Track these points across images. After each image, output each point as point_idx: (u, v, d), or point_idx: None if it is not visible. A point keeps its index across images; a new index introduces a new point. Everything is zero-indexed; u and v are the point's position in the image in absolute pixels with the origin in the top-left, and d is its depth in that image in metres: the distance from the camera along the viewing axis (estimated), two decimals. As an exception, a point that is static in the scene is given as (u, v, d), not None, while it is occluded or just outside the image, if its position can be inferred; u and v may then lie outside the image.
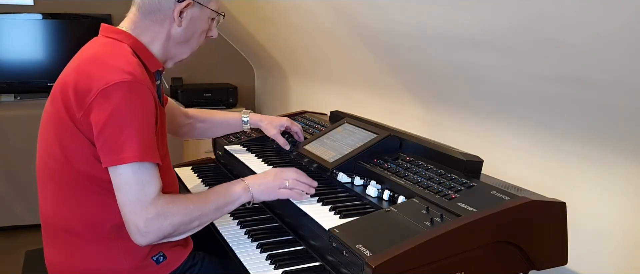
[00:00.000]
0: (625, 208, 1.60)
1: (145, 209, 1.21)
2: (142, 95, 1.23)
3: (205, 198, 1.34)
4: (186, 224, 1.28)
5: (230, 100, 3.92)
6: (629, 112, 1.47)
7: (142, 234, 1.22)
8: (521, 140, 1.91)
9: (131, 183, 1.21)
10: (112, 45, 1.33)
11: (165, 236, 1.26)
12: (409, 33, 2.03)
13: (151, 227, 1.21)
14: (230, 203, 1.37)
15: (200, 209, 1.30)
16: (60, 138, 1.28)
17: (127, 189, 1.21)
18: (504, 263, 1.22)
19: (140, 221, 1.20)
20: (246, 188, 1.40)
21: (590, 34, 1.34)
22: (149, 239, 1.23)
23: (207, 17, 1.43)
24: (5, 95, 3.46)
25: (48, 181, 1.35)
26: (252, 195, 1.40)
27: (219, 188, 1.39)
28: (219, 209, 1.35)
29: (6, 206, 3.12)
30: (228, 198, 1.37)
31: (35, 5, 3.59)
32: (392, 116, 2.54)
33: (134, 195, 1.21)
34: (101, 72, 1.22)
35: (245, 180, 1.42)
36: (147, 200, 1.21)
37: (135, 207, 1.21)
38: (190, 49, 1.45)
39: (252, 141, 2.05)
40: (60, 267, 1.37)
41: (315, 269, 1.32)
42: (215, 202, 1.34)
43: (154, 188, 1.23)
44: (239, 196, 1.38)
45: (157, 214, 1.22)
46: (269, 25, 3.31)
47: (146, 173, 1.22)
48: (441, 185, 1.34)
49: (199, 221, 1.31)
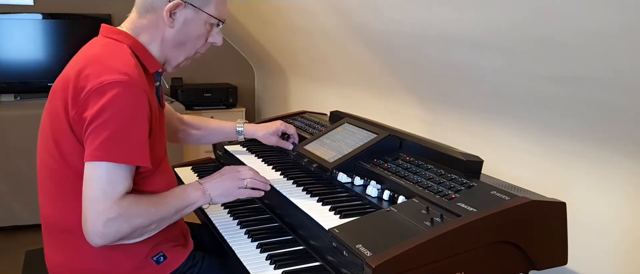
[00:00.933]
0: (625, 208, 1.60)
1: (108, 208, 1.19)
2: (135, 97, 1.22)
3: (165, 201, 1.32)
4: (144, 227, 1.27)
5: (230, 100, 3.92)
6: (629, 112, 1.47)
7: (99, 236, 1.20)
8: (521, 140, 1.91)
9: (102, 180, 1.19)
10: (112, 46, 1.33)
11: (121, 238, 1.24)
12: (409, 33, 2.03)
13: (110, 228, 1.20)
14: (188, 206, 1.36)
15: (160, 212, 1.29)
16: (57, 137, 1.28)
17: (95, 185, 1.19)
18: (504, 263, 1.22)
19: (100, 221, 1.19)
20: (204, 191, 1.38)
21: (590, 33, 1.34)
22: (106, 240, 1.21)
23: (203, 21, 1.39)
24: (5, 95, 3.46)
25: (48, 181, 1.35)
26: (210, 197, 1.39)
27: (178, 190, 1.37)
28: (178, 212, 1.34)
29: (6, 206, 3.12)
30: (186, 201, 1.35)
31: (35, 5, 3.59)
32: (392, 116, 2.54)
33: (100, 192, 1.19)
34: (98, 72, 1.22)
35: (203, 184, 1.40)
36: (113, 199, 1.20)
37: (99, 204, 1.19)
38: (186, 54, 1.43)
39: (252, 141, 2.04)
40: (61, 267, 1.37)
41: (315, 269, 1.32)
42: (175, 205, 1.33)
43: (121, 189, 1.21)
44: (196, 199, 1.37)
45: (119, 215, 1.20)
46: (269, 26, 3.31)
47: (119, 174, 1.21)
48: (441, 185, 1.34)
49: (157, 224, 1.30)
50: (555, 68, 1.55)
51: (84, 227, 1.21)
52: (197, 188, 1.38)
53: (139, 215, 1.24)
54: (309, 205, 1.42)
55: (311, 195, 1.47)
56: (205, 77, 4.19)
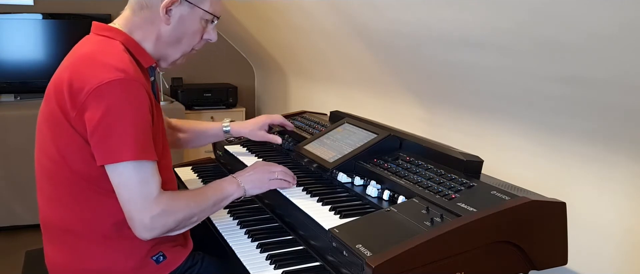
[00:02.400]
0: (626, 208, 1.60)
1: (150, 207, 1.23)
2: (136, 93, 1.23)
3: (204, 194, 1.38)
4: (187, 219, 1.32)
5: (230, 100, 3.92)
6: (629, 112, 1.47)
7: (148, 230, 1.24)
8: (521, 140, 1.91)
9: (133, 181, 1.22)
10: (105, 43, 1.33)
11: (168, 231, 1.29)
12: (409, 33, 2.03)
13: (156, 223, 1.24)
14: (224, 199, 1.42)
15: (200, 205, 1.35)
16: (56, 138, 1.28)
17: (129, 187, 1.22)
18: (504, 263, 1.22)
19: (146, 218, 1.23)
20: (238, 184, 1.44)
21: (590, 33, 1.34)
22: (154, 234, 1.26)
23: (198, 17, 1.40)
24: (5, 95, 3.46)
25: (46, 182, 1.35)
26: (244, 190, 1.45)
27: (214, 184, 1.43)
28: (216, 204, 1.40)
29: (6, 206, 3.12)
30: (223, 194, 1.41)
31: (35, 5, 3.59)
32: (392, 116, 2.54)
33: (137, 193, 1.22)
34: (94, 71, 1.22)
35: (236, 177, 1.46)
36: (151, 197, 1.23)
37: (140, 205, 1.23)
38: (182, 51, 1.43)
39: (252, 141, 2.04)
40: (61, 267, 1.37)
41: (315, 269, 1.32)
42: (213, 198, 1.39)
43: (155, 186, 1.25)
44: (232, 192, 1.43)
45: (162, 211, 1.25)
46: (269, 25, 3.31)
47: (146, 171, 1.23)
48: (441, 185, 1.34)
49: (198, 216, 1.35)
50: (555, 68, 1.55)
51: (132, 227, 1.25)
52: (232, 181, 1.45)
53: (179, 209, 1.29)
54: (309, 205, 1.42)
55: (311, 195, 1.47)
56: (205, 77, 4.19)
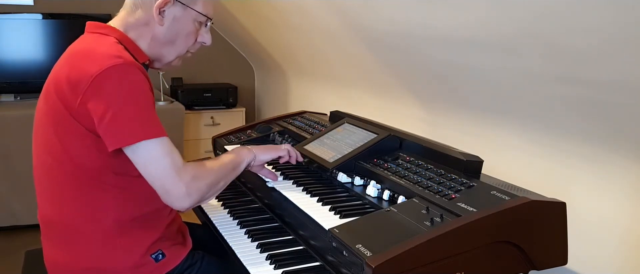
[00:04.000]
0: (625, 208, 1.60)
1: (181, 175, 1.25)
2: (136, 75, 1.24)
3: (222, 161, 1.42)
4: (216, 184, 1.35)
5: (230, 100, 3.92)
6: (629, 112, 1.47)
7: (186, 197, 1.26)
8: (521, 140, 1.91)
9: (159, 155, 1.23)
10: (99, 39, 1.34)
11: (202, 197, 1.31)
12: (409, 33, 2.03)
13: (192, 189, 1.26)
14: (241, 163, 1.47)
15: (222, 170, 1.39)
16: (59, 132, 1.28)
17: (157, 162, 1.23)
18: (504, 263, 1.22)
19: (182, 186, 1.24)
20: (249, 149, 1.51)
21: (590, 33, 1.34)
22: (192, 200, 1.28)
23: (192, 18, 1.40)
24: (5, 95, 3.46)
25: (47, 180, 1.35)
26: (253, 154, 1.51)
27: (228, 153, 1.48)
28: (234, 169, 1.45)
29: (6, 206, 3.12)
30: (238, 158, 1.47)
31: (35, 5, 3.59)
32: (392, 116, 2.54)
33: (166, 166, 1.24)
34: (91, 61, 1.23)
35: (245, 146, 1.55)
36: (179, 166, 1.25)
37: (172, 176, 1.24)
38: (176, 52, 1.43)
39: (252, 141, 2.04)
40: (60, 265, 1.37)
41: (315, 269, 1.32)
42: (231, 163, 1.43)
43: (178, 156, 1.27)
44: (244, 156, 1.49)
45: (193, 177, 1.27)
46: (268, 25, 3.31)
47: (166, 145, 1.25)
48: (441, 185, 1.34)
49: (224, 181, 1.39)
50: (555, 68, 1.55)
51: (169, 200, 1.26)
52: (242, 148, 1.53)
53: (207, 174, 1.32)
54: (309, 205, 1.42)
55: (311, 195, 1.47)
56: (205, 77, 4.19)
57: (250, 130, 2.15)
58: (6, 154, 3.08)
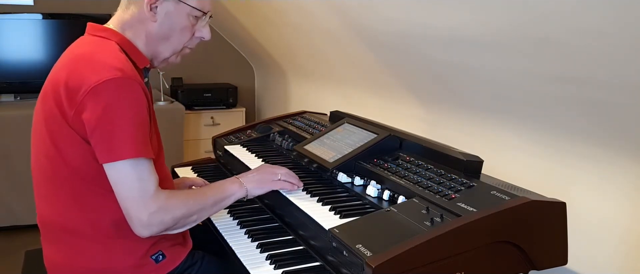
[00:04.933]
0: (625, 208, 1.60)
1: (147, 204, 1.23)
2: (134, 91, 1.23)
3: (203, 194, 1.38)
4: (186, 218, 1.32)
5: (230, 100, 3.92)
6: (629, 112, 1.47)
7: (144, 227, 1.24)
8: (521, 140, 1.91)
9: (131, 179, 1.22)
10: (100, 44, 1.33)
11: (166, 229, 1.29)
12: (410, 33, 2.03)
13: (154, 220, 1.24)
14: (226, 198, 1.41)
15: (199, 204, 1.34)
16: (54, 137, 1.28)
17: (127, 185, 1.23)
18: (504, 263, 1.22)
19: (144, 215, 1.23)
20: (241, 184, 1.44)
21: (590, 33, 1.34)
22: (152, 231, 1.26)
23: (185, 13, 1.38)
24: (5, 95, 3.46)
25: (44, 182, 1.35)
26: (246, 190, 1.44)
27: (216, 184, 1.43)
28: (216, 204, 1.39)
29: (6, 206, 3.12)
30: (224, 194, 1.41)
31: (35, 5, 3.59)
32: (392, 116, 2.54)
33: (134, 191, 1.23)
34: (91, 70, 1.22)
35: (239, 178, 1.46)
36: (148, 195, 1.24)
37: (137, 202, 1.23)
38: (172, 48, 1.41)
39: (252, 141, 2.05)
40: (59, 266, 1.37)
41: (315, 269, 1.32)
42: (212, 198, 1.38)
43: (152, 184, 1.25)
44: (233, 192, 1.42)
45: (159, 208, 1.25)
46: (268, 25, 3.31)
47: (144, 169, 1.23)
48: (441, 185, 1.34)
49: (197, 215, 1.35)
50: (555, 68, 1.55)
51: (130, 224, 1.25)
52: (234, 181, 1.45)
53: (177, 207, 1.29)
54: (309, 205, 1.42)
55: (311, 195, 1.47)
56: (205, 77, 4.19)
57: (250, 130, 2.15)
58: (6, 154, 3.08)
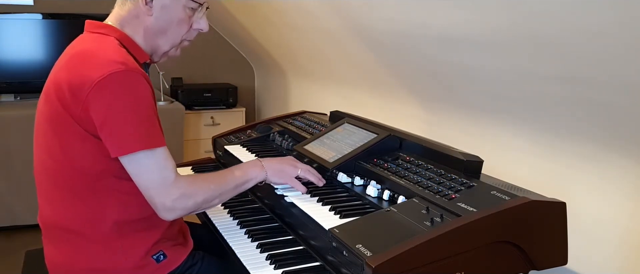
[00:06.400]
0: (625, 208, 1.60)
1: (169, 191, 1.26)
2: (138, 82, 1.23)
3: (224, 178, 1.40)
4: (208, 202, 1.35)
5: (230, 100, 3.92)
6: (629, 112, 1.47)
7: (169, 211, 1.28)
8: (521, 140, 1.91)
9: (150, 169, 1.25)
10: (100, 40, 1.33)
11: (190, 212, 1.34)
12: (410, 33, 2.03)
13: (177, 205, 1.28)
14: (247, 181, 1.43)
15: (220, 188, 1.37)
16: (61, 136, 1.28)
17: (147, 175, 1.25)
18: (504, 263, 1.22)
19: (167, 201, 1.26)
20: (262, 166, 1.45)
21: (590, 33, 1.34)
22: (176, 214, 1.30)
23: (181, 5, 1.38)
24: (5, 95, 3.46)
25: (47, 182, 1.35)
26: (265, 173, 1.45)
27: (237, 167, 1.45)
28: (237, 187, 1.41)
29: (6, 206, 3.12)
30: (245, 177, 1.42)
31: (35, 5, 3.59)
32: (392, 116, 2.54)
33: (156, 180, 1.25)
34: (93, 66, 1.22)
35: (262, 161, 1.47)
36: (168, 182, 1.26)
37: (159, 190, 1.26)
38: (170, 42, 1.42)
39: (252, 141, 2.05)
40: (61, 266, 1.37)
41: (315, 269, 1.32)
42: (233, 182, 1.40)
43: (171, 171, 1.28)
44: (255, 175, 1.44)
45: (182, 195, 1.28)
46: (268, 25, 3.31)
47: (161, 157, 1.26)
48: (441, 185, 1.34)
49: (219, 198, 1.38)
50: (555, 68, 1.55)
51: (154, 208, 1.28)
52: (256, 163, 1.46)
53: (198, 192, 1.32)
54: (309, 205, 1.42)
55: (311, 195, 1.47)
56: (205, 77, 4.19)
57: (250, 130, 2.15)
58: (6, 154, 3.08)
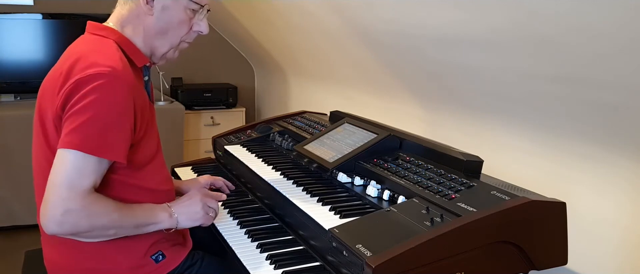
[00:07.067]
0: (625, 208, 1.60)
1: (72, 198, 1.16)
2: (118, 90, 1.21)
3: (131, 212, 1.29)
4: (103, 229, 1.24)
5: (230, 100, 3.92)
6: (629, 112, 1.47)
7: (55, 223, 1.17)
8: (521, 140, 1.91)
9: (68, 168, 1.17)
10: (98, 42, 1.32)
11: (76, 233, 1.22)
12: (409, 33, 2.03)
13: (68, 219, 1.17)
14: (152, 224, 1.32)
15: (122, 220, 1.26)
16: (49, 139, 1.27)
17: (62, 171, 1.17)
18: (504, 263, 1.22)
19: (60, 209, 1.16)
20: (171, 214, 1.35)
21: (590, 33, 1.34)
22: (61, 230, 1.18)
23: (183, 7, 1.36)
24: (5, 95, 3.46)
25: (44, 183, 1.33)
26: (177, 221, 1.36)
27: (147, 206, 1.33)
28: (138, 227, 1.30)
29: (6, 206, 3.12)
30: (152, 219, 1.32)
31: (35, 5, 3.59)
32: (392, 116, 2.54)
33: (66, 180, 1.16)
34: (82, 66, 1.21)
35: (171, 207, 1.36)
36: (78, 190, 1.17)
37: (62, 192, 1.16)
38: (170, 43, 1.40)
39: (252, 141, 2.05)
40: (60, 266, 1.37)
41: (315, 269, 1.32)
42: (139, 219, 1.30)
43: (88, 182, 1.19)
44: (162, 220, 1.33)
45: (81, 208, 1.18)
46: (268, 26, 3.31)
47: (88, 165, 1.18)
48: (441, 185, 1.34)
49: (116, 231, 1.27)
50: (555, 68, 1.55)
51: (43, 211, 1.18)
52: (165, 209, 1.35)
53: (100, 215, 1.21)
54: (309, 205, 1.42)
55: (311, 195, 1.47)
56: (205, 77, 4.19)
57: (250, 130, 2.15)
58: (6, 154, 3.08)
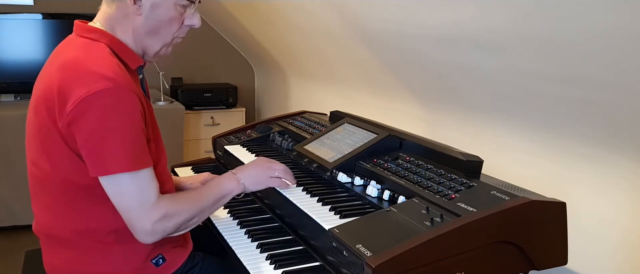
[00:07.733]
0: (625, 208, 1.60)
1: (150, 213, 1.24)
2: (126, 101, 1.19)
3: (202, 195, 1.38)
4: (188, 221, 1.33)
5: (230, 100, 3.92)
6: (629, 112, 1.47)
7: (149, 235, 1.25)
8: (521, 140, 1.91)
9: (131, 191, 1.21)
10: (90, 47, 1.27)
11: (169, 234, 1.31)
12: (409, 33, 2.03)
13: (158, 228, 1.26)
14: (224, 196, 1.42)
15: (200, 206, 1.35)
16: (47, 150, 1.25)
17: (126, 197, 1.22)
18: (504, 263, 1.22)
19: (147, 224, 1.24)
20: (238, 180, 1.44)
21: (590, 33, 1.34)
22: (156, 238, 1.27)
23: (172, 3, 1.31)
24: (5, 95, 3.46)
25: (40, 191, 1.33)
26: (244, 186, 1.44)
27: (213, 183, 1.43)
28: (216, 203, 1.40)
29: (6, 206, 3.12)
30: (222, 192, 1.41)
31: (35, 5, 3.59)
32: (392, 116, 2.54)
33: (136, 202, 1.22)
34: (80, 80, 1.17)
35: (236, 173, 1.45)
36: (149, 204, 1.24)
37: (140, 213, 1.23)
38: (162, 41, 1.35)
39: (252, 141, 2.05)
40: (60, 271, 1.36)
41: (315, 269, 1.32)
42: (212, 197, 1.39)
43: (153, 192, 1.25)
44: (231, 189, 1.43)
45: (162, 216, 1.25)
46: (268, 26, 3.31)
47: (143, 179, 1.22)
48: (441, 185, 1.34)
49: (198, 217, 1.36)
50: (555, 69, 1.55)
51: (133, 232, 1.26)
52: (231, 178, 1.44)
53: (179, 212, 1.29)
54: (309, 205, 1.42)
55: (311, 195, 1.47)
56: (205, 77, 4.19)
57: (250, 130, 2.15)
58: (6, 154, 3.08)
